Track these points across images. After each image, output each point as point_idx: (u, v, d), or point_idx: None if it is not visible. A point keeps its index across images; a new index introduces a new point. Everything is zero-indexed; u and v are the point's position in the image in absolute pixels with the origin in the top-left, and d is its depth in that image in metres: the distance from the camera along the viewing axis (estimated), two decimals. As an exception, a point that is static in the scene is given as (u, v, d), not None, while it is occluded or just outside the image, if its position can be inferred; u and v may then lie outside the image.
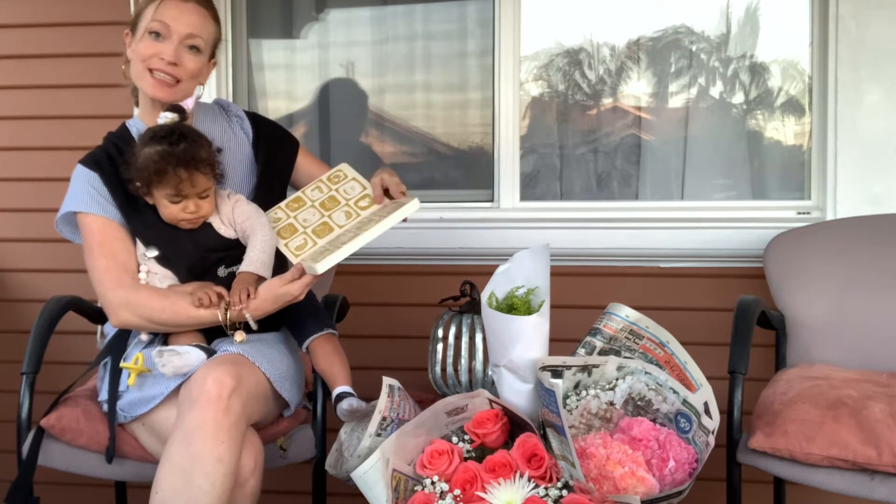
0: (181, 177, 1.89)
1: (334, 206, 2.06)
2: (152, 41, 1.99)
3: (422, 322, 2.35)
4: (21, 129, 2.92)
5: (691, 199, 2.81)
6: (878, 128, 2.54)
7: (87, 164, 2.03)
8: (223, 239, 1.99)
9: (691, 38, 2.87)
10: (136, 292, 1.95)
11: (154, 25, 1.98)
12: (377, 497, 1.68)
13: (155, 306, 1.93)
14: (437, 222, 2.79)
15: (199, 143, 1.93)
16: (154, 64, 1.99)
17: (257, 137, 2.18)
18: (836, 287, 2.33)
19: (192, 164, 1.89)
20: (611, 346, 1.86)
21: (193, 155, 1.90)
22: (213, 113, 2.19)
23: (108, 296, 1.97)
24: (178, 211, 1.93)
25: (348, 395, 1.94)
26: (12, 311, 2.94)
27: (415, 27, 2.99)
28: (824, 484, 1.83)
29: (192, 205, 1.93)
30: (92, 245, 1.99)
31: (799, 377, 2.09)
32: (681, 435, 1.72)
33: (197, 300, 1.89)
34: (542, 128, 2.96)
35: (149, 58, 1.99)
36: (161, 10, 1.99)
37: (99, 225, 1.99)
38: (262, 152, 2.16)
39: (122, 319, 1.97)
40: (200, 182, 1.92)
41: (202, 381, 1.78)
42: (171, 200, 1.92)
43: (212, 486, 1.73)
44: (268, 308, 1.93)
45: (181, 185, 1.90)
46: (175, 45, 1.99)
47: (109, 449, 1.94)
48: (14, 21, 2.90)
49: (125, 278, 1.96)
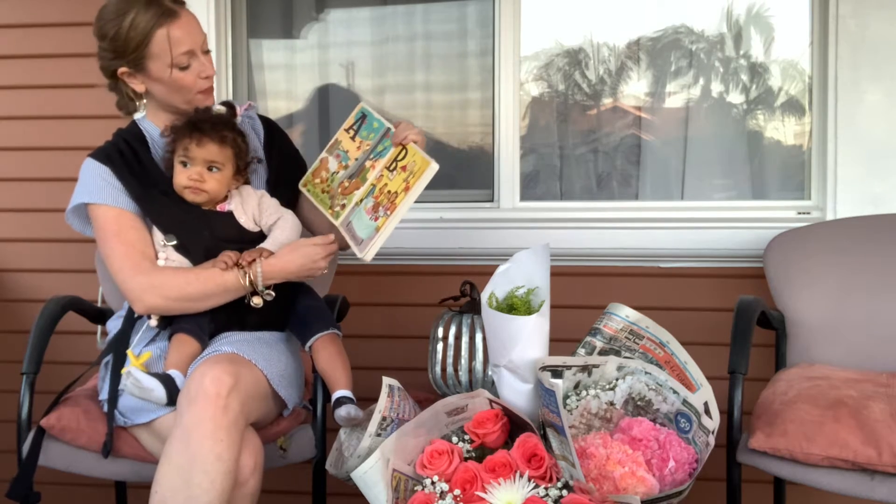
0: (204, 129, 1.96)
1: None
2: (186, 72, 2.00)
3: (422, 322, 2.35)
4: (21, 129, 2.92)
5: (691, 199, 2.81)
6: (878, 128, 2.54)
7: (97, 158, 2.04)
8: (242, 229, 2.02)
9: (691, 38, 2.87)
10: (157, 274, 1.96)
11: (182, 60, 1.98)
12: (377, 497, 1.68)
13: (180, 281, 1.95)
14: (437, 222, 2.79)
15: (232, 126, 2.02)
16: (201, 87, 2.03)
17: (270, 141, 2.19)
18: (836, 287, 2.33)
19: (217, 126, 1.98)
20: (611, 346, 1.86)
21: (224, 123, 1.99)
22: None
23: (130, 283, 1.97)
24: (185, 178, 1.97)
25: (347, 401, 1.94)
26: (12, 311, 2.94)
27: (415, 27, 2.99)
28: (824, 484, 1.83)
29: (196, 173, 1.97)
30: (107, 235, 2.00)
31: (799, 377, 2.09)
32: (681, 435, 1.72)
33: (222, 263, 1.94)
34: (542, 128, 2.96)
35: (193, 84, 2.02)
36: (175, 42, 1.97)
37: (113, 215, 2.00)
38: (274, 159, 2.17)
39: (148, 304, 1.97)
40: (212, 150, 1.97)
41: (200, 380, 1.78)
42: (181, 161, 1.98)
43: (211, 485, 1.73)
44: (292, 266, 1.96)
45: (190, 145, 1.96)
46: (202, 59, 2.02)
47: (106, 444, 1.94)
48: (14, 21, 2.90)
49: (144, 264, 1.97)
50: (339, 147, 2.11)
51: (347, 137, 2.11)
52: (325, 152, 2.14)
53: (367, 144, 2.07)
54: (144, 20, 1.95)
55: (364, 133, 2.09)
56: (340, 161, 2.09)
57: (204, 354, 1.92)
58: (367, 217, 1.96)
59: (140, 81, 2.03)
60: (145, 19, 1.95)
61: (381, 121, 2.08)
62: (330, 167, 2.10)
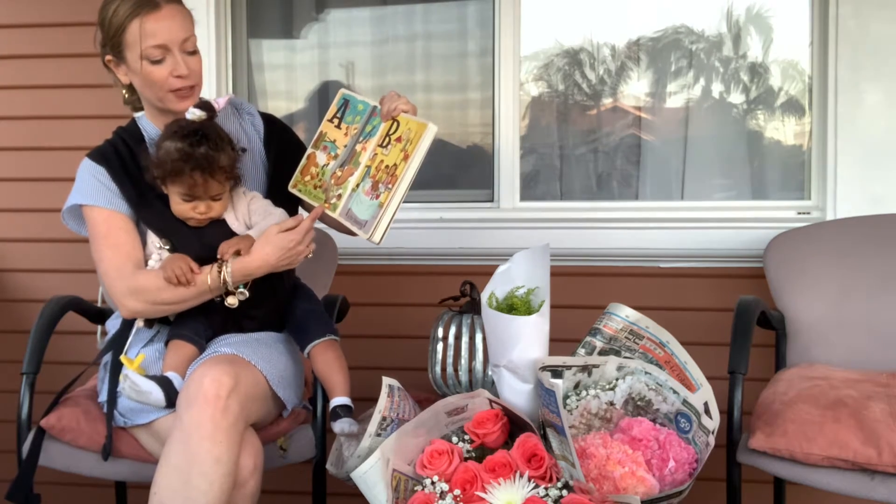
0: (196, 180, 1.88)
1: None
2: (158, 66, 1.95)
3: (422, 322, 2.34)
4: (21, 129, 2.92)
5: (691, 199, 2.81)
6: (878, 128, 2.54)
7: (93, 159, 2.03)
8: (234, 235, 1.98)
9: (691, 38, 2.87)
10: (136, 278, 1.94)
11: (152, 53, 1.93)
12: (377, 497, 1.68)
13: (153, 286, 1.92)
14: (437, 222, 2.79)
15: (221, 147, 1.91)
16: (173, 85, 1.96)
17: (269, 137, 2.15)
18: (836, 287, 2.33)
19: (208, 169, 1.89)
20: (611, 346, 1.86)
21: (212, 160, 1.89)
22: (224, 113, 2.17)
23: (113, 288, 1.97)
24: (189, 209, 1.93)
25: (344, 412, 1.93)
26: (12, 311, 2.94)
27: (415, 27, 2.99)
28: (824, 484, 1.83)
29: (203, 206, 1.93)
30: (97, 237, 1.99)
31: (799, 377, 2.09)
32: (681, 435, 1.72)
33: (167, 276, 1.87)
34: (542, 128, 2.96)
35: (164, 81, 1.95)
36: (149, 33, 1.93)
37: (104, 217, 1.99)
38: (273, 152, 2.14)
39: (130, 308, 1.96)
40: (214, 187, 1.92)
41: (199, 381, 1.78)
42: (183, 199, 1.92)
43: (210, 487, 1.73)
44: (271, 258, 1.90)
45: (195, 188, 1.89)
46: (178, 58, 1.95)
47: (106, 446, 1.94)
48: (14, 21, 2.90)
49: (127, 267, 1.96)
50: (325, 139, 2.04)
51: (332, 127, 2.03)
52: (311, 147, 2.06)
53: (355, 128, 1.99)
54: (124, 8, 1.94)
55: (349, 118, 2.01)
56: (329, 152, 2.01)
57: (203, 355, 1.92)
58: (367, 199, 1.89)
59: (123, 72, 2.01)
60: (125, 8, 1.93)
61: (366, 101, 2.00)
62: (319, 161, 2.02)
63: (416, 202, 2.86)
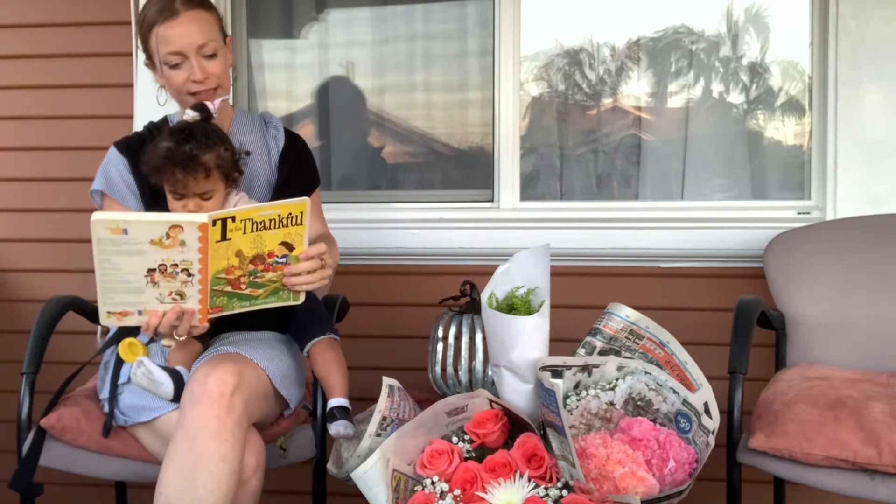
0: (177, 177, 1.89)
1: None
2: (176, 71, 2.01)
3: (422, 322, 2.35)
4: (21, 129, 2.92)
5: (691, 199, 2.81)
6: (878, 128, 2.54)
7: (119, 148, 2.09)
8: None
9: (691, 38, 2.87)
10: None
11: (170, 58, 2.00)
12: (377, 497, 1.68)
13: None
14: (437, 222, 2.79)
15: (207, 145, 1.90)
16: (191, 88, 2.02)
17: (287, 153, 2.18)
18: (836, 287, 2.33)
19: (189, 165, 1.88)
20: (611, 346, 1.86)
21: (194, 158, 1.88)
22: (252, 123, 2.21)
23: None
24: (180, 207, 1.93)
25: (342, 414, 1.92)
26: (12, 311, 2.94)
27: (415, 27, 2.99)
28: (824, 484, 1.83)
29: (193, 204, 1.92)
30: None
31: (799, 377, 2.09)
32: (681, 435, 1.72)
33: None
34: (542, 128, 2.96)
35: (182, 85, 2.02)
36: (164, 40, 1.99)
37: (113, 209, 2.05)
38: (286, 169, 2.16)
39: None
40: (198, 185, 1.90)
41: (203, 380, 1.78)
42: (173, 196, 1.93)
43: (216, 486, 1.73)
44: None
45: (177, 184, 1.90)
46: (195, 62, 2.00)
47: (106, 424, 1.95)
48: (14, 21, 2.90)
49: None
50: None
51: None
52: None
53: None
54: (150, 15, 2.02)
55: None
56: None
57: (206, 354, 1.92)
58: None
59: (158, 74, 2.08)
60: (150, 14, 2.02)
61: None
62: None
63: (417, 202, 2.86)
